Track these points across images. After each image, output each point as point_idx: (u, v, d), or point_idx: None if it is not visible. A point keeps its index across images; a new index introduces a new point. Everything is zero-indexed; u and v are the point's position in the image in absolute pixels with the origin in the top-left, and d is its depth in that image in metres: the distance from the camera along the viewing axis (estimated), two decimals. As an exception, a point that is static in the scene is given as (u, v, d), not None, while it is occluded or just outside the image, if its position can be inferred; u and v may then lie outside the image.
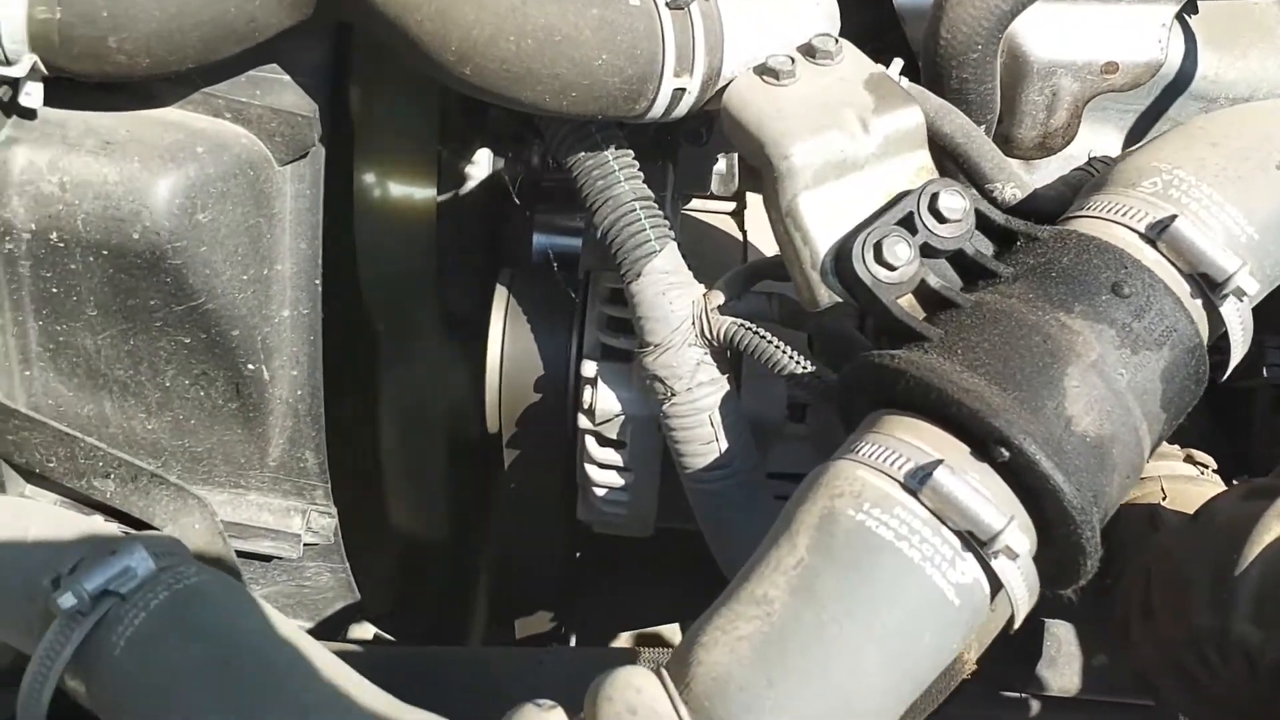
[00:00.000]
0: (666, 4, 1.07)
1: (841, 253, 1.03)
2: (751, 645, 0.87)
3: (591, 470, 1.28)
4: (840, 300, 1.04)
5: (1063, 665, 1.55)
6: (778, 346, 1.11)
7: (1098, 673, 1.54)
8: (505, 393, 1.34)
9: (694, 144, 1.25)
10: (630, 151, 1.18)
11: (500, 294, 1.36)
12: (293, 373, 1.33)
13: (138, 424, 1.33)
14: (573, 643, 1.80)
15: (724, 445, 1.16)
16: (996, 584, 0.89)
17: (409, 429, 1.82)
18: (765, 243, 1.28)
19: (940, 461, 0.90)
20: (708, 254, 1.25)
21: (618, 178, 1.16)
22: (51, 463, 1.27)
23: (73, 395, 1.30)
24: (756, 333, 1.11)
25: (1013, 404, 0.91)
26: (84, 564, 1.04)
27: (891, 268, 1.00)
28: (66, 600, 0.99)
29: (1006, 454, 0.89)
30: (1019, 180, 1.15)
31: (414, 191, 1.68)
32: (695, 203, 1.36)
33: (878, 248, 1.00)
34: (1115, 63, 1.30)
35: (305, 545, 1.44)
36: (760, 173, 1.08)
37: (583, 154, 1.17)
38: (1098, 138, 1.40)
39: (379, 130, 1.59)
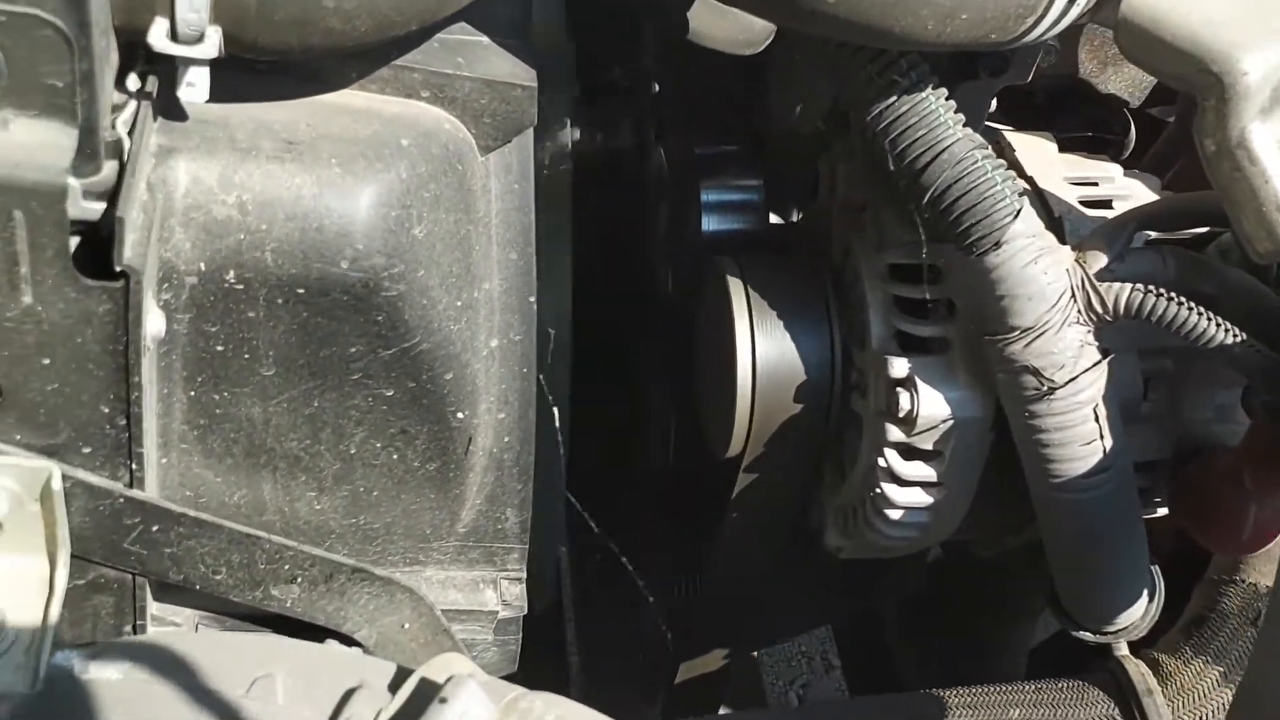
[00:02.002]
0: (1060, -108, 0.84)
1: (1315, 189, 0.82)
2: None
3: (890, 489, 1.05)
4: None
5: None
6: (1202, 314, 0.90)
7: None
8: (759, 405, 1.09)
9: (996, 75, 1.01)
10: (946, 90, 0.95)
11: (736, 286, 1.10)
12: (500, 415, 1.05)
13: (303, 505, 1.03)
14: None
15: (1108, 443, 0.94)
16: None
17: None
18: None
19: None
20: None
21: (946, 125, 0.93)
22: (220, 573, 0.97)
23: (220, 481, 0.99)
24: (1174, 300, 0.90)
25: None
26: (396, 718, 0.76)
27: (1398, 202, 0.79)
28: (414, 779, 0.72)
29: None
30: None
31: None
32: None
33: (1380, 179, 0.80)
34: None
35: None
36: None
37: (895, 99, 0.93)
38: None
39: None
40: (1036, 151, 1.10)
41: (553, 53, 1.34)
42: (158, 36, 0.76)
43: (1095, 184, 1.08)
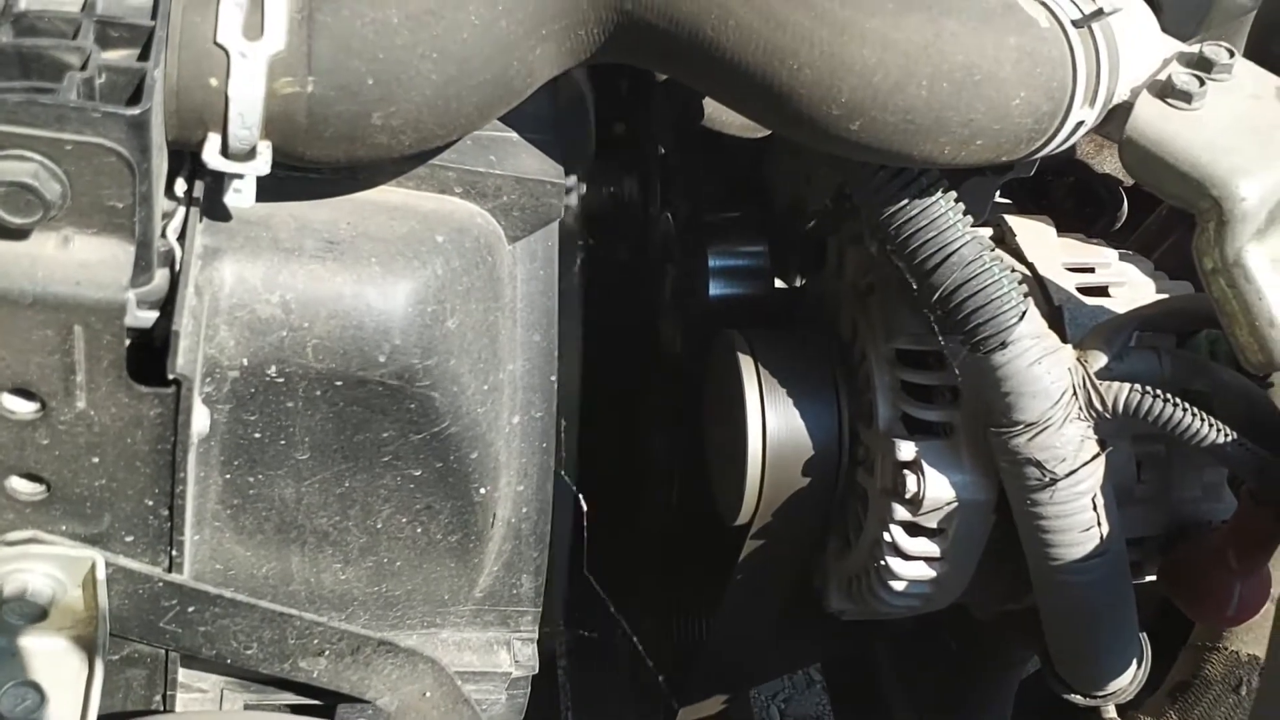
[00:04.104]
0: (1072, 22, 0.88)
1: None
2: None
3: (895, 563, 1.09)
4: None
5: None
6: (1196, 415, 0.94)
7: None
8: (768, 479, 1.13)
9: (1001, 173, 1.05)
10: (955, 193, 0.99)
11: (746, 363, 1.14)
12: (519, 488, 1.09)
13: (328, 576, 1.06)
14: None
15: (1105, 530, 0.99)
16: None
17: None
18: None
19: None
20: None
21: (958, 229, 0.97)
22: (251, 648, 1.00)
23: (250, 555, 1.02)
24: (1170, 401, 0.94)
25: None
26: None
27: (1383, 321, 0.84)
28: None
29: None
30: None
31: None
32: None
33: (1368, 299, 0.84)
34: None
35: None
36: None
37: (906, 202, 0.97)
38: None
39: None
40: (1036, 237, 1.14)
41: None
42: (210, 153, 0.79)
43: (1092, 270, 1.13)
